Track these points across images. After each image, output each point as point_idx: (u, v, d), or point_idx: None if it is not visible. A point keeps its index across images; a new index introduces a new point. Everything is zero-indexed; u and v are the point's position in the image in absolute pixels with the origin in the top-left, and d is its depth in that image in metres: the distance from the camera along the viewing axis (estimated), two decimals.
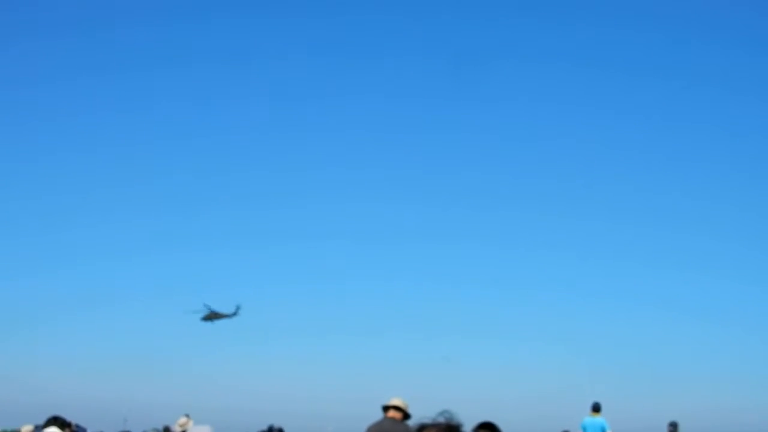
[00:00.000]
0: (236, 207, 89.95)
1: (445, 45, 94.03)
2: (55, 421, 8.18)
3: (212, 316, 46.11)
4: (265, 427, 12.42)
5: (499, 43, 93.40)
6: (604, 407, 18.97)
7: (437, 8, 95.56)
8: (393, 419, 11.30)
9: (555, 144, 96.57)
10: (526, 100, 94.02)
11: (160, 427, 15.19)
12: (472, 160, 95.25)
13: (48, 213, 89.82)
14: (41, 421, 8.99)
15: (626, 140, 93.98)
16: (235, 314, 46.60)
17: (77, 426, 7.85)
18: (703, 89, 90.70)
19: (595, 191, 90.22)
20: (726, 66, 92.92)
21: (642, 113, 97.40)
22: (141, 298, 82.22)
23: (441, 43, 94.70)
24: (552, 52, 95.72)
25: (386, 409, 11.47)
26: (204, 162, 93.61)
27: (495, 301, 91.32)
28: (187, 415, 17.86)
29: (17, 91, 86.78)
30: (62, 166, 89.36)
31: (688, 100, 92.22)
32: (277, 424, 12.43)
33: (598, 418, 18.78)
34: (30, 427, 11.34)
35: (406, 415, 11.38)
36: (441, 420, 2.93)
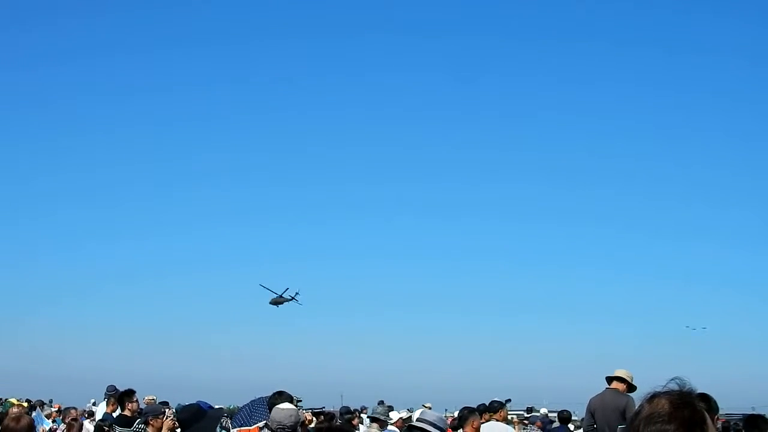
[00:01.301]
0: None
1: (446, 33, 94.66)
2: (280, 395, 8.39)
3: (278, 300, 46.58)
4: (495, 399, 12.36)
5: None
6: None
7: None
8: (615, 390, 10.89)
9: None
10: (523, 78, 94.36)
11: (377, 404, 15.43)
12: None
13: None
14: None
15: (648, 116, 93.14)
16: (293, 299, 46.77)
17: (298, 399, 8.14)
18: (699, 60, 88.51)
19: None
20: (735, 37, 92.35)
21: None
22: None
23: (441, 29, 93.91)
24: (549, 30, 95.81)
25: (610, 380, 11.09)
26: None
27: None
28: (428, 406, 18.40)
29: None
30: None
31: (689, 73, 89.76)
32: (502, 398, 12.32)
33: None
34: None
35: (631, 387, 10.94)
36: (673, 387, 2.67)
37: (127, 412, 10.67)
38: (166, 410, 10.07)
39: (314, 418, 10.27)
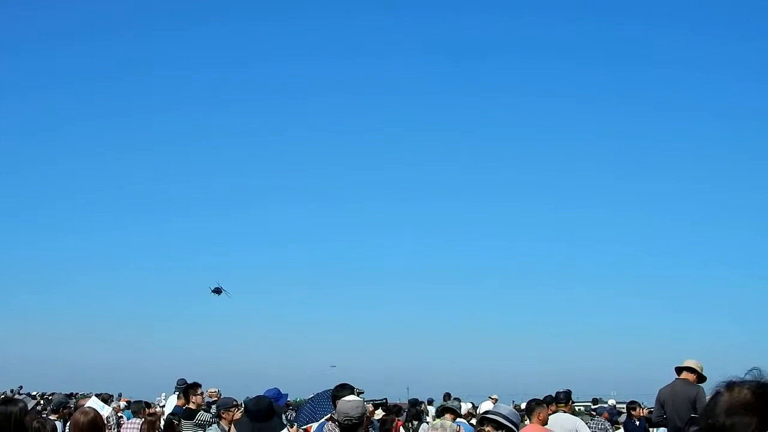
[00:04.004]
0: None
1: (445, 40, 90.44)
2: (343, 388, 8.42)
3: (218, 290, 48.55)
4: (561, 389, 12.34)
5: (498, 37, 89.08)
6: None
7: (435, 4, 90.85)
8: (685, 381, 10.69)
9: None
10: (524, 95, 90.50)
11: (443, 396, 15.48)
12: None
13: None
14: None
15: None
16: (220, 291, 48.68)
17: (360, 391, 8.19)
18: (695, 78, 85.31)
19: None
20: (727, 55, 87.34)
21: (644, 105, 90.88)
22: None
23: (440, 38, 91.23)
24: (550, 47, 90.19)
25: (679, 370, 10.86)
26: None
27: None
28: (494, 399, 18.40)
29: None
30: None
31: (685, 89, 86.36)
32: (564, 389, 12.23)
33: None
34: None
35: (701, 377, 10.70)
36: (751, 377, 2.53)
37: (192, 405, 10.75)
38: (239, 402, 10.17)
39: (376, 410, 10.30)
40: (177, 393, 14.91)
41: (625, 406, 19.79)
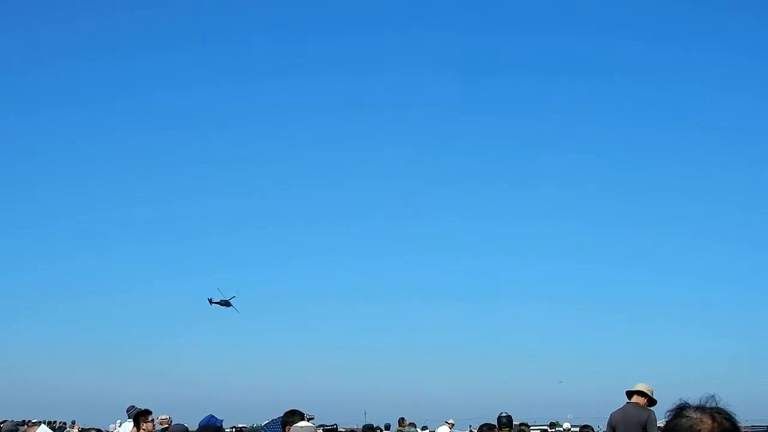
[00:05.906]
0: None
1: (456, 58, 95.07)
2: (293, 414, 8.37)
3: (224, 302, 48.57)
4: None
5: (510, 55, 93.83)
6: None
7: (447, 23, 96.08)
8: (636, 404, 10.76)
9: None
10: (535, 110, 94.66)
11: (398, 422, 15.41)
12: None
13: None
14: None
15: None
16: (229, 303, 48.76)
17: (310, 417, 8.13)
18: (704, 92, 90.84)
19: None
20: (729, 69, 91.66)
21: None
22: None
23: (452, 56, 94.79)
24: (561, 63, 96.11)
25: (630, 394, 10.94)
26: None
27: None
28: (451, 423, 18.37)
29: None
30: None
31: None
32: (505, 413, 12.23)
33: None
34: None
35: (652, 401, 10.79)
36: (704, 404, 2.57)
37: None
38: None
39: None
40: (131, 420, 14.69)
41: (578, 429, 19.91)
